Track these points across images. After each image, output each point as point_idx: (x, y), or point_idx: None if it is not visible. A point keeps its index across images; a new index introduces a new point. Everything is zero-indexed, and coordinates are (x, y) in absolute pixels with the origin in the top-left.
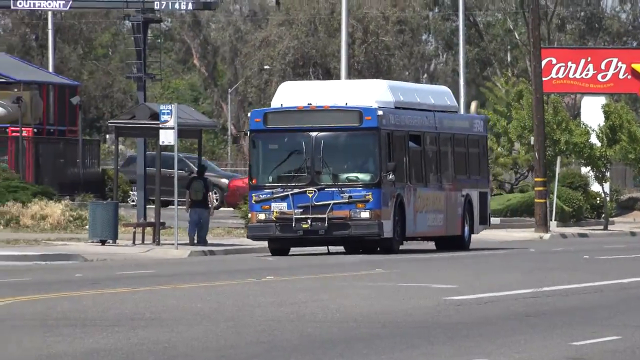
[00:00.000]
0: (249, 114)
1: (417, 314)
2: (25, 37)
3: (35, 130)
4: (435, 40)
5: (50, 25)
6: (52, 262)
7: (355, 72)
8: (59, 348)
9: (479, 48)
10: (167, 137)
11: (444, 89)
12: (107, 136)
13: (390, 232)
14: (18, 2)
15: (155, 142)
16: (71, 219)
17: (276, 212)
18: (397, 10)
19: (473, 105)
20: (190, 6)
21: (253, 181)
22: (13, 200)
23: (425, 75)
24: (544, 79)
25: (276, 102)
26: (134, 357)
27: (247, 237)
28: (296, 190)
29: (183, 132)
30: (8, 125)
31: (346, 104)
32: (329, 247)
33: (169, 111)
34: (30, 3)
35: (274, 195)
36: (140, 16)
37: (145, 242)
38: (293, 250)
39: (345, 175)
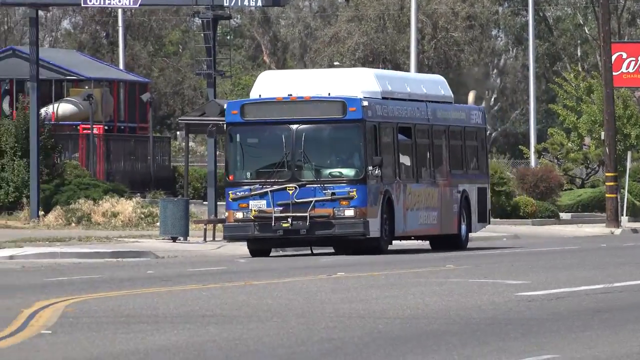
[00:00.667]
0: (224, 106)
1: (489, 310)
2: (95, 35)
3: (106, 127)
4: (505, 35)
5: (120, 23)
6: (124, 259)
7: (425, 68)
8: (130, 345)
9: (549, 43)
10: None
11: (438, 77)
12: (178, 133)
13: (378, 231)
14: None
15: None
16: (142, 216)
17: (254, 211)
18: (466, 5)
19: (471, 95)
20: (259, 2)
21: (230, 177)
22: (84, 197)
23: (495, 70)
24: (614, 73)
25: (254, 93)
26: (205, 354)
27: (224, 238)
28: (276, 187)
29: None
30: (79, 122)
31: (329, 94)
32: (312, 247)
33: None
34: (100, 0)
35: (252, 193)
36: (209, 13)
37: (216, 239)
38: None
39: (328, 171)
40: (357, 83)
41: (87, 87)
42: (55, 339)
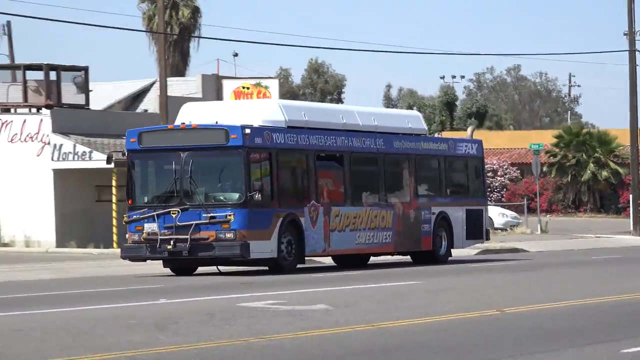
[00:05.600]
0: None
1: None
2: None
3: None
4: None
5: None
6: None
7: None
8: None
9: None
10: None
11: (412, 113)
12: None
13: (272, 252)
14: None
15: None
16: None
17: (145, 233)
18: None
19: (469, 129)
20: None
21: (129, 201)
22: None
23: None
24: None
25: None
26: None
27: (121, 257)
28: (162, 211)
29: None
30: None
31: (216, 122)
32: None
33: None
34: None
35: (142, 216)
36: None
37: None
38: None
39: (210, 195)
40: (258, 113)
41: None
42: None
